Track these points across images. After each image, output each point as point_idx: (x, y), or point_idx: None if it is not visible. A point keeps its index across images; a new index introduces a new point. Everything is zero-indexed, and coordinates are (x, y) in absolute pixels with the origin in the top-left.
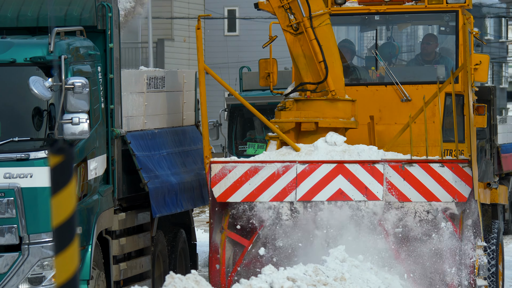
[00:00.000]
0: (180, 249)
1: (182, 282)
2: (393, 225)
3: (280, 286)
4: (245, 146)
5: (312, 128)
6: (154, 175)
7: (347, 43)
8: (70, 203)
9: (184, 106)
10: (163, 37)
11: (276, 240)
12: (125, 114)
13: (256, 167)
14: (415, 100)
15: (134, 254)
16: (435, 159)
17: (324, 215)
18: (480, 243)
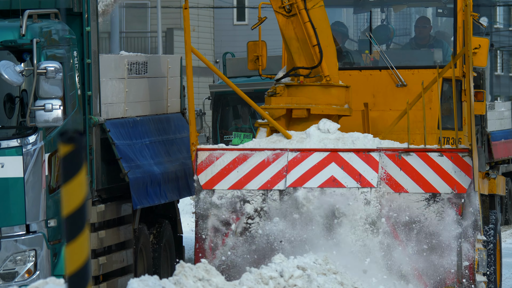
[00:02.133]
0: (165, 241)
1: (192, 271)
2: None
3: (290, 275)
4: (230, 136)
5: (303, 115)
6: (135, 165)
7: (338, 25)
8: (80, 192)
9: (168, 92)
10: (172, 27)
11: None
12: (104, 101)
13: (245, 154)
14: (410, 85)
15: (114, 248)
16: (433, 148)
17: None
18: (480, 237)
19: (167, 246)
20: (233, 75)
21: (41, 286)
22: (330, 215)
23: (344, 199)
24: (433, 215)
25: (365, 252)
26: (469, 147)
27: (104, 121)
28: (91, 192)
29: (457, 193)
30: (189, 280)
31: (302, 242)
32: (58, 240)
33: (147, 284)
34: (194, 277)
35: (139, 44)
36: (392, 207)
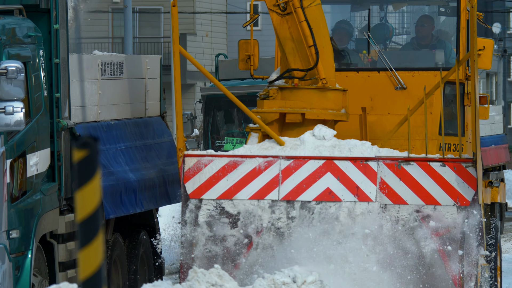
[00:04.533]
0: (142, 253)
1: (205, 277)
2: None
3: (303, 281)
4: (222, 141)
5: (298, 120)
6: (108, 172)
7: (344, 24)
8: (94, 197)
9: (147, 95)
10: (185, 32)
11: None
12: (75, 104)
13: (235, 161)
14: (410, 88)
15: None
16: (435, 157)
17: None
18: (483, 252)
19: (144, 257)
20: (225, 77)
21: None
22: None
23: (341, 213)
24: (433, 230)
25: (361, 269)
26: (473, 157)
27: (74, 125)
28: (59, 200)
29: (460, 205)
30: (202, 285)
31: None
32: (22, 252)
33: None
34: (207, 282)
35: (152, 50)
36: (390, 221)
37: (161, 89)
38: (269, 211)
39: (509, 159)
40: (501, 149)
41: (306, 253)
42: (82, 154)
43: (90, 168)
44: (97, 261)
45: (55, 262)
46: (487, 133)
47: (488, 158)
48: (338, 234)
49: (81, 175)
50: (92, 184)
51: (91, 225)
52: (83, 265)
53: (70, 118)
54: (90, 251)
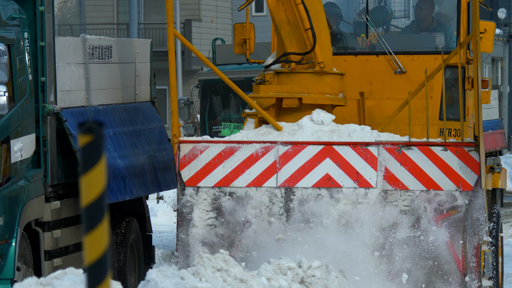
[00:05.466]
0: (132, 241)
1: (211, 262)
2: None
3: (309, 266)
4: (219, 127)
5: (295, 105)
6: None
7: (331, 7)
8: (99, 182)
9: (136, 79)
10: (190, 18)
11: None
12: (61, 88)
13: (232, 147)
14: (410, 72)
15: (72, 248)
16: (437, 141)
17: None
18: (486, 238)
19: (134, 246)
20: (223, 62)
21: (60, 276)
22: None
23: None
24: (435, 216)
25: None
26: (475, 141)
27: (60, 110)
28: (44, 187)
29: (462, 190)
30: (208, 270)
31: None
32: (5, 240)
33: (166, 274)
34: (212, 267)
35: (158, 35)
36: (392, 206)
37: (151, 73)
38: (267, 198)
39: (505, 145)
40: (498, 134)
41: (305, 240)
42: (86, 139)
43: (95, 153)
44: (103, 246)
45: (40, 251)
46: (484, 118)
47: (486, 143)
48: (338, 220)
49: (86, 160)
50: (97, 169)
51: (96, 210)
52: (88, 250)
53: (56, 103)
54: (96, 236)
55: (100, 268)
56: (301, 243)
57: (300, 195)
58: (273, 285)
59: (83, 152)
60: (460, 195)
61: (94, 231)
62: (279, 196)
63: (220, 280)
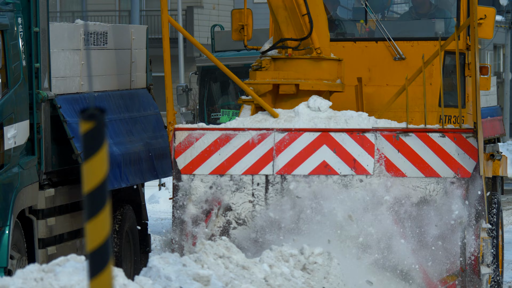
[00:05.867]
0: (127, 229)
1: (213, 249)
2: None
3: (311, 252)
4: (218, 114)
5: (291, 91)
6: None
7: None
8: (101, 169)
9: (132, 66)
10: (192, 5)
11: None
12: (55, 75)
13: (228, 135)
14: (409, 59)
15: (66, 236)
16: (434, 128)
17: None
18: (485, 225)
19: (130, 234)
20: (222, 49)
21: (62, 263)
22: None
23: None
24: (434, 203)
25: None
26: (473, 127)
27: (54, 96)
28: (38, 174)
29: (461, 177)
30: (210, 257)
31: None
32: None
33: (168, 261)
34: (214, 254)
35: (159, 22)
36: (389, 194)
37: (147, 60)
38: (264, 185)
39: (504, 132)
40: (496, 121)
41: (303, 227)
42: (88, 125)
43: (97, 140)
44: (104, 233)
45: (34, 239)
46: (483, 104)
47: (485, 130)
48: (335, 208)
49: (88, 147)
50: (99, 155)
51: (98, 197)
52: (90, 236)
53: (50, 90)
54: (97, 222)
55: (102, 255)
56: (300, 230)
57: (297, 182)
58: (275, 272)
59: (85, 139)
60: (458, 182)
61: (96, 218)
62: (276, 183)
63: (222, 267)
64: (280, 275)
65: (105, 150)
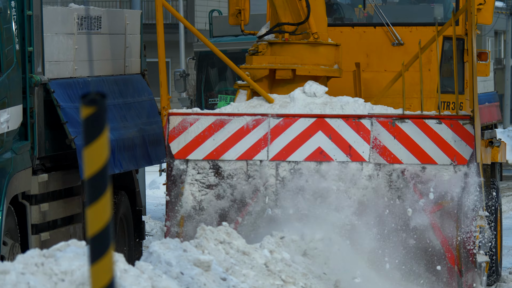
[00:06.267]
0: (121, 215)
1: (214, 234)
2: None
3: (311, 238)
4: (215, 99)
5: (288, 76)
6: None
7: None
8: (102, 154)
9: (126, 51)
10: None
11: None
12: (49, 59)
13: (222, 120)
14: (408, 44)
15: (60, 222)
16: (431, 114)
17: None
18: (482, 213)
19: (124, 220)
20: (220, 34)
21: (63, 248)
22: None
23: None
24: (430, 191)
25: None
26: (470, 114)
27: (48, 80)
28: (31, 160)
29: (457, 164)
30: (210, 243)
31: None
32: None
33: (168, 246)
34: (215, 240)
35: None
36: (385, 181)
37: (142, 45)
38: (258, 171)
39: (501, 118)
40: (493, 107)
41: (296, 214)
42: (89, 110)
43: (97, 125)
44: (105, 218)
45: (27, 225)
46: (480, 90)
47: (483, 116)
48: (330, 195)
49: (89, 132)
50: (100, 140)
51: (99, 182)
52: (91, 222)
53: (43, 74)
54: (98, 207)
55: (103, 240)
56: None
57: (291, 168)
58: (275, 258)
59: (85, 124)
60: (454, 169)
61: (97, 203)
62: (271, 169)
63: (223, 253)
64: (281, 260)
65: (106, 135)
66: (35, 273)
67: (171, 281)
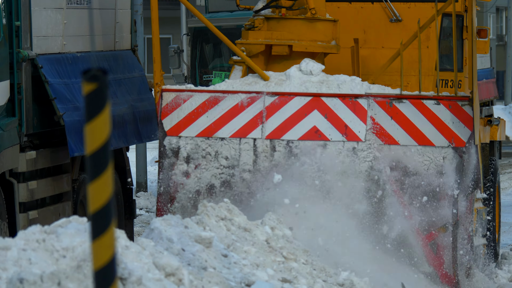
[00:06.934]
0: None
1: (215, 211)
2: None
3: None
4: (210, 76)
5: (285, 52)
6: (73, 106)
7: None
8: (104, 130)
9: (116, 27)
10: None
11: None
12: (37, 34)
13: (216, 97)
14: (406, 21)
15: (49, 201)
16: (429, 95)
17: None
18: (479, 195)
19: (114, 199)
20: (215, 9)
21: (64, 224)
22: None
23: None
24: (425, 171)
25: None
26: (469, 95)
27: (36, 56)
28: (19, 136)
29: (455, 146)
30: (212, 219)
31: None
32: None
33: (170, 223)
34: (216, 216)
35: None
36: (380, 161)
37: (132, 21)
38: (252, 149)
39: (497, 94)
40: (491, 83)
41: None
42: (91, 87)
43: (99, 101)
44: (107, 194)
45: (15, 203)
46: (478, 66)
47: (481, 93)
48: (325, 174)
49: (90, 109)
50: (102, 117)
51: (100, 158)
52: (92, 198)
53: (31, 49)
54: (100, 184)
55: (104, 216)
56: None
57: (286, 147)
58: (276, 234)
59: (87, 100)
60: (452, 151)
61: (99, 179)
62: (265, 147)
63: (224, 229)
64: (282, 237)
65: (107, 111)
66: (36, 249)
67: (173, 258)
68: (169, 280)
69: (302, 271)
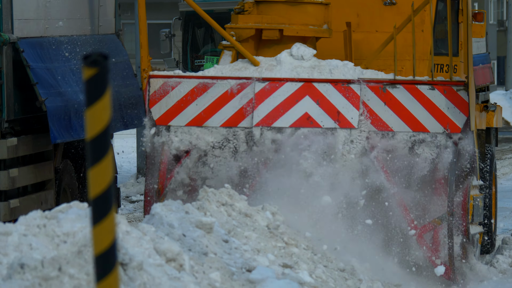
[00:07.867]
0: None
1: (216, 196)
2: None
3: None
4: (202, 61)
5: (275, 37)
6: (55, 92)
7: None
8: (104, 116)
9: (100, 10)
10: None
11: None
12: (18, 17)
13: (205, 84)
14: (400, 4)
15: (31, 189)
16: (423, 80)
17: None
18: (476, 182)
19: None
20: None
21: (65, 210)
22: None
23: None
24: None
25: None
26: (465, 80)
27: (17, 39)
28: (0, 123)
29: (450, 132)
30: (212, 205)
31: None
32: None
33: (171, 208)
34: (217, 202)
35: None
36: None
37: (116, 4)
38: (243, 137)
39: (493, 80)
40: (486, 68)
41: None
42: (91, 72)
43: (100, 86)
44: (107, 179)
45: None
46: (474, 51)
47: (478, 78)
48: (317, 162)
49: (91, 94)
50: (102, 102)
51: (101, 144)
52: (93, 183)
53: (12, 32)
54: (100, 169)
55: (104, 202)
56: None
57: (277, 135)
58: (277, 219)
59: (87, 85)
60: (447, 137)
61: (99, 164)
62: (256, 134)
63: (225, 215)
64: (283, 222)
65: (108, 96)
66: (37, 234)
67: (173, 243)
68: (170, 266)
69: (303, 256)
